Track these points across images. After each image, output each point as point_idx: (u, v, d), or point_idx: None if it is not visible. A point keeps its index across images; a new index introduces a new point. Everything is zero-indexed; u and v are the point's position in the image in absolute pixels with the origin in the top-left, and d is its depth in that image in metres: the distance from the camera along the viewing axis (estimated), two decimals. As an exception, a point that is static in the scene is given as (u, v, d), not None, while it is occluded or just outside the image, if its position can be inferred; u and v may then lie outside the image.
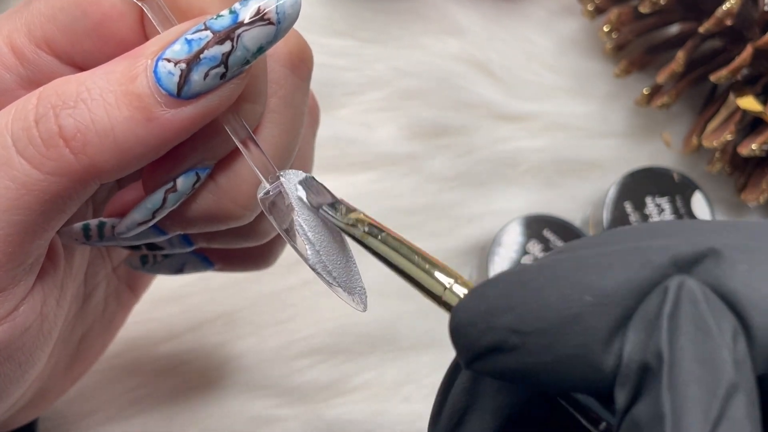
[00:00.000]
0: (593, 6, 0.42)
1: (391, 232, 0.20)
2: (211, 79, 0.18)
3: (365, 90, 0.41)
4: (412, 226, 0.39)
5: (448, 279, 0.18)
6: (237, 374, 0.36)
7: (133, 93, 0.18)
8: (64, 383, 0.27)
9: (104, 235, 0.23)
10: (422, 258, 0.19)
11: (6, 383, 0.21)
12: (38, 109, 0.18)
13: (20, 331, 0.20)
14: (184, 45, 0.18)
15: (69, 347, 0.26)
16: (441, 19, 0.44)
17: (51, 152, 0.18)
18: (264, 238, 0.24)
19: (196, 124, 0.19)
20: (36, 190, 0.18)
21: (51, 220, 0.19)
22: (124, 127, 0.18)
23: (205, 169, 0.20)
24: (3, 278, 0.19)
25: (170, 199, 0.20)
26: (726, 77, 0.37)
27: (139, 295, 0.30)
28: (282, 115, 0.21)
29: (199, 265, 0.26)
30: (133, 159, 0.18)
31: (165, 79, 0.18)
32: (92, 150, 0.18)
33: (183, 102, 0.18)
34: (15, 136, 0.18)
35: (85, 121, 0.18)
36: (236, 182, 0.21)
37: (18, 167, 0.18)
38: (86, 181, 0.18)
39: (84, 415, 0.34)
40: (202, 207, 0.21)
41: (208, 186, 0.21)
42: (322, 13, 0.43)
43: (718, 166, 0.39)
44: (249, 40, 0.18)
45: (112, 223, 0.22)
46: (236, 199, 0.21)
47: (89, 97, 0.18)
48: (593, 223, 0.39)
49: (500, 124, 0.42)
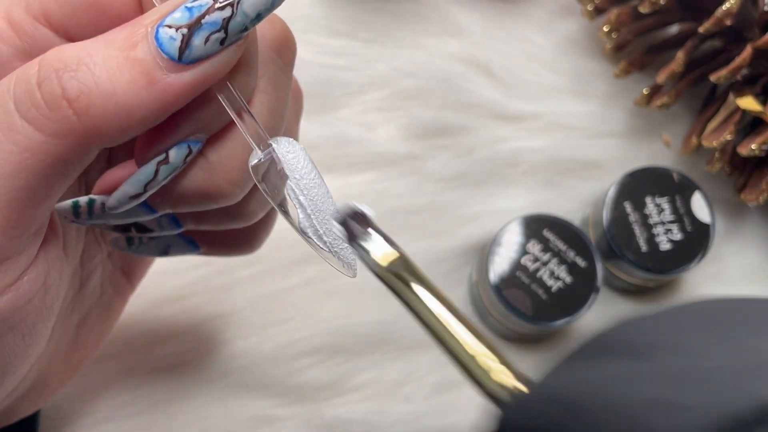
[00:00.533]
0: (593, 6, 0.42)
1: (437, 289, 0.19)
2: (211, 43, 0.19)
3: (365, 90, 0.42)
4: (412, 226, 0.39)
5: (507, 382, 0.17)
6: (237, 374, 0.36)
7: (135, 58, 0.19)
8: (64, 371, 0.27)
9: (93, 212, 0.23)
10: (480, 356, 0.18)
11: (10, 357, 0.21)
12: (40, 73, 0.18)
13: (24, 300, 0.20)
14: (184, 12, 0.19)
15: (68, 332, 0.26)
16: (441, 20, 0.44)
17: (54, 113, 0.18)
18: (252, 219, 0.24)
19: (196, 89, 0.19)
20: (39, 153, 0.18)
21: (53, 184, 0.19)
22: (127, 89, 0.18)
23: (197, 142, 0.21)
24: (7, 246, 0.19)
25: (162, 171, 0.21)
26: (726, 77, 0.37)
27: (134, 283, 0.30)
28: (269, 96, 0.22)
29: (185, 248, 0.27)
30: (133, 122, 0.19)
31: (167, 44, 0.19)
32: (95, 111, 0.18)
33: (184, 66, 0.19)
34: (17, 99, 0.18)
35: (89, 83, 0.18)
36: (227, 158, 0.21)
37: (21, 130, 0.18)
38: (88, 144, 0.19)
39: (84, 415, 0.34)
40: (193, 183, 0.21)
41: (199, 162, 0.21)
42: (322, 13, 0.43)
43: (718, 166, 0.39)
44: (248, 6, 0.19)
45: (101, 200, 0.23)
46: (227, 175, 0.21)
47: (91, 62, 0.18)
48: (593, 223, 0.39)
49: (500, 124, 0.42)
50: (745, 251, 0.41)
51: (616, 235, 0.37)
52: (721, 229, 0.41)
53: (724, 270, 0.41)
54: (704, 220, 0.38)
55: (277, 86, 0.22)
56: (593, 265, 0.36)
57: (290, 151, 0.21)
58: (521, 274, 0.36)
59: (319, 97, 0.41)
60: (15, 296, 0.20)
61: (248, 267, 0.37)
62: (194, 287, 0.37)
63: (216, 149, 0.21)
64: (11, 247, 0.19)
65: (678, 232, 0.38)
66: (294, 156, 0.20)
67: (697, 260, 0.37)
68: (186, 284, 0.36)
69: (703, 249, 0.37)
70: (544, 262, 0.36)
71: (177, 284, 0.36)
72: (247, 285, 0.37)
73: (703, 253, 0.37)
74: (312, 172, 0.21)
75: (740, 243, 0.41)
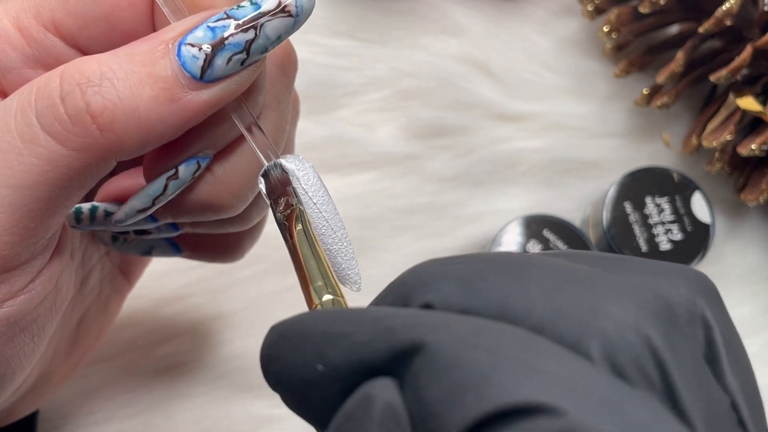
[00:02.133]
0: (593, 6, 0.42)
1: (314, 236, 0.21)
2: (233, 64, 0.19)
3: (365, 90, 0.42)
4: (412, 226, 0.39)
5: (325, 295, 0.19)
6: (237, 374, 0.36)
7: (158, 74, 0.19)
8: (65, 369, 0.27)
9: (95, 219, 0.23)
10: (319, 264, 0.20)
11: (20, 357, 0.21)
12: (63, 87, 0.19)
13: (36, 302, 0.21)
14: (207, 32, 0.19)
15: (68, 330, 0.27)
16: (441, 20, 0.44)
17: (78, 128, 0.18)
18: (249, 224, 0.25)
19: (214, 106, 0.20)
20: (60, 167, 0.19)
21: (71, 196, 0.20)
22: (149, 106, 0.19)
23: (205, 158, 0.21)
24: (23, 253, 0.20)
25: (171, 186, 0.21)
26: (726, 77, 0.37)
27: (132, 282, 0.30)
28: (274, 111, 0.22)
29: (168, 250, 0.27)
30: (153, 138, 0.19)
31: (189, 63, 0.19)
32: (118, 127, 0.19)
33: (204, 85, 0.19)
34: (39, 113, 0.19)
35: (113, 98, 0.19)
36: (232, 173, 0.22)
37: (44, 144, 0.19)
38: (108, 157, 0.19)
39: (84, 415, 0.34)
40: (198, 196, 0.22)
41: (205, 177, 0.22)
42: (322, 13, 0.43)
43: (718, 166, 0.39)
44: (271, 29, 0.20)
45: (104, 207, 0.23)
46: (231, 190, 0.22)
47: (114, 77, 0.19)
48: (593, 223, 0.39)
49: (500, 124, 0.42)
50: (745, 251, 0.41)
51: (616, 235, 0.37)
52: (721, 229, 0.41)
53: (724, 270, 0.41)
54: (704, 220, 0.38)
55: (280, 102, 0.23)
56: (593, 265, 0.36)
57: (300, 169, 0.21)
58: (521, 274, 0.36)
59: (319, 97, 0.41)
60: (28, 298, 0.20)
61: (248, 267, 0.37)
62: (194, 287, 0.37)
63: (222, 164, 0.22)
64: (26, 253, 0.20)
65: (678, 232, 0.38)
66: (304, 173, 0.21)
67: (697, 260, 0.37)
68: (186, 284, 0.36)
69: (703, 249, 0.37)
70: (544, 262, 0.36)
71: (177, 284, 0.36)
72: (247, 285, 0.37)
73: (703, 253, 0.37)
74: (321, 189, 0.21)
75: (740, 243, 0.41)
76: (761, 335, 0.40)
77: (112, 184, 0.24)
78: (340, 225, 0.21)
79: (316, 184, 0.21)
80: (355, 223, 0.39)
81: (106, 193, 0.24)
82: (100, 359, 0.35)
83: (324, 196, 0.21)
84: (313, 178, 0.21)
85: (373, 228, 0.39)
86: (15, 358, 0.21)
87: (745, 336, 0.44)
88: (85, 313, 0.28)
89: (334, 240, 0.21)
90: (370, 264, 0.38)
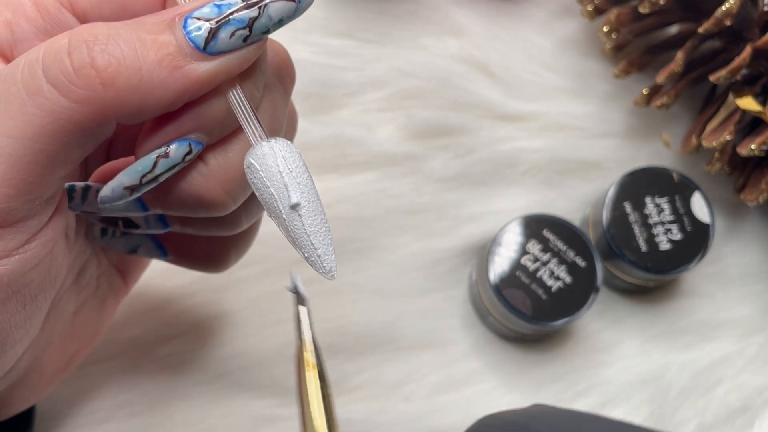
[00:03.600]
0: (593, 6, 0.42)
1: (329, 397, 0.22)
2: (235, 39, 0.20)
3: (365, 90, 0.42)
4: (412, 226, 0.39)
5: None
6: (237, 374, 0.36)
7: (163, 41, 0.20)
8: (59, 363, 0.28)
9: (87, 199, 0.24)
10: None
11: (10, 326, 0.21)
12: (71, 43, 0.19)
13: (31, 265, 0.21)
14: (213, 8, 0.20)
15: (63, 319, 0.27)
16: (441, 20, 0.44)
17: (81, 80, 0.19)
18: (236, 229, 0.25)
19: (215, 79, 0.20)
20: (61, 119, 0.19)
21: (71, 152, 0.20)
22: (151, 68, 0.19)
23: (198, 143, 0.21)
24: (20, 209, 0.20)
25: (160, 165, 0.21)
26: (725, 77, 0.37)
27: (129, 284, 0.31)
28: (269, 115, 0.23)
29: (153, 251, 0.28)
30: (153, 102, 0.20)
31: (194, 33, 0.20)
32: (121, 83, 0.19)
33: (207, 56, 0.20)
34: (46, 66, 0.19)
35: (118, 56, 0.19)
36: (226, 166, 0.22)
37: (47, 95, 0.19)
38: (108, 116, 0.20)
39: (84, 415, 0.34)
40: (190, 187, 0.22)
41: (198, 166, 0.22)
42: (322, 14, 0.43)
43: (718, 166, 0.39)
44: (274, 11, 0.20)
45: (97, 188, 0.23)
46: (223, 185, 0.22)
47: (121, 39, 0.19)
48: (593, 223, 0.39)
49: (500, 124, 0.42)
50: (744, 251, 0.41)
51: (616, 235, 0.37)
52: (720, 229, 0.41)
53: (724, 270, 0.41)
54: (704, 220, 0.38)
55: (276, 108, 0.23)
56: (593, 265, 0.36)
57: (286, 150, 0.21)
58: (521, 274, 0.36)
59: (319, 97, 0.41)
60: (23, 259, 0.21)
61: (248, 267, 0.37)
62: (194, 287, 0.37)
63: (216, 156, 0.22)
64: (24, 210, 0.20)
65: (678, 232, 0.38)
66: (290, 154, 0.21)
67: (696, 260, 0.37)
68: (186, 284, 0.36)
69: (702, 249, 0.37)
70: (544, 262, 0.36)
71: (177, 284, 0.36)
72: (247, 285, 0.37)
73: (702, 253, 0.37)
74: (305, 173, 0.21)
75: (740, 243, 0.41)
76: (761, 335, 0.40)
77: (107, 167, 0.25)
78: (320, 210, 0.21)
79: (300, 167, 0.21)
80: (355, 223, 0.39)
81: (100, 174, 0.25)
82: (100, 359, 0.35)
83: (307, 180, 0.21)
84: (298, 161, 0.21)
85: (373, 228, 0.39)
86: (5, 324, 0.21)
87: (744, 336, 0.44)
88: (81, 306, 0.28)
89: (312, 223, 0.21)
90: (370, 264, 0.38)
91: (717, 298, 0.40)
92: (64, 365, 0.28)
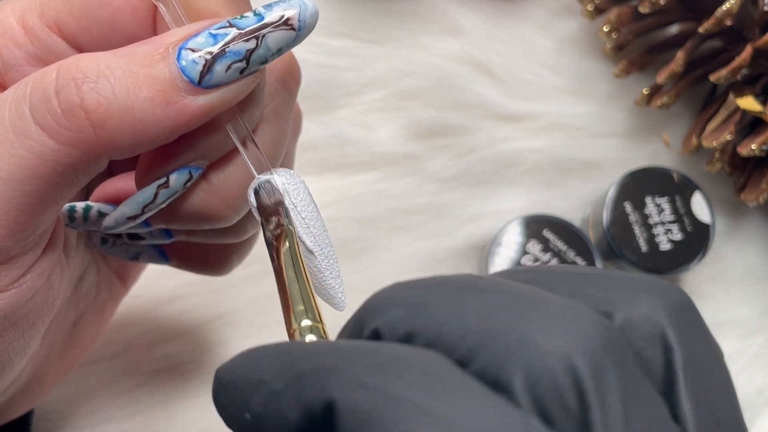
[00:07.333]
0: (593, 6, 0.42)
1: (301, 259, 0.21)
2: (231, 72, 0.19)
3: (365, 90, 0.42)
4: (412, 226, 0.39)
5: (304, 320, 0.19)
6: (237, 374, 0.36)
7: (156, 76, 0.19)
8: (58, 370, 0.27)
9: (88, 219, 0.23)
10: (302, 288, 0.20)
11: (9, 353, 0.21)
12: (59, 80, 0.19)
13: (26, 297, 0.21)
14: (208, 38, 0.19)
15: (63, 331, 0.26)
16: (441, 20, 0.44)
17: (70, 123, 0.18)
18: (242, 237, 0.25)
19: (210, 113, 0.20)
20: (51, 161, 0.18)
21: (62, 191, 0.19)
22: (144, 106, 0.19)
23: (198, 168, 0.21)
24: (13, 247, 0.19)
25: (161, 195, 0.21)
26: (726, 77, 0.37)
27: (128, 286, 0.30)
28: (273, 125, 0.22)
29: (155, 258, 0.27)
30: (146, 139, 0.19)
31: (188, 67, 0.19)
32: (112, 125, 0.18)
33: (202, 90, 0.19)
34: (33, 105, 0.19)
35: (108, 95, 0.18)
36: (228, 183, 0.22)
37: (35, 137, 0.18)
38: (100, 155, 0.19)
39: (84, 415, 0.34)
40: (193, 204, 0.22)
41: (200, 185, 0.21)
42: (322, 14, 0.42)
43: (718, 166, 0.39)
44: (272, 41, 0.20)
45: (98, 207, 0.23)
46: (226, 200, 0.22)
47: (112, 75, 0.19)
48: (593, 223, 0.39)
49: (500, 124, 0.42)
50: (745, 251, 0.41)
51: (616, 235, 0.37)
52: (721, 229, 0.41)
53: (724, 270, 0.41)
54: (704, 220, 0.38)
55: (280, 116, 0.23)
56: (593, 265, 0.36)
57: (290, 183, 0.21)
58: (521, 274, 0.36)
59: (319, 97, 0.41)
60: (18, 293, 0.20)
61: (248, 267, 0.37)
62: (194, 287, 0.37)
63: (218, 173, 0.22)
64: (17, 248, 0.20)
65: (678, 232, 0.38)
66: (295, 188, 0.21)
67: (697, 260, 0.37)
68: (186, 284, 0.36)
69: (703, 249, 0.37)
70: (544, 262, 0.36)
71: (177, 284, 0.36)
72: (247, 285, 0.37)
73: (703, 253, 0.37)
74: (311, 205, 0.21)
75: (740, 243, 0.41)
76: (761, 335, 0.40)
77: (108, 185, 0.24)
78: (328, 242, 0.21)
79: (305, 199, 0.21)
80: (355, 223, 0.39)
81: (101, 193, 0.24)
82: (100, 359, 0.35)
83: (313, 212, 0.21)
84: (303, 193, 0.21)
85: (373, 228, 0.39)
86: (4, 353, 0.21)
87: (745, 336, 0.44)
88: (81, 316, 0.27)
89: (321, 257, 0.21)
90: (370, 264, 0.38)
91: (717, 298, 0.40)
92: (63, 371, 0.28)
